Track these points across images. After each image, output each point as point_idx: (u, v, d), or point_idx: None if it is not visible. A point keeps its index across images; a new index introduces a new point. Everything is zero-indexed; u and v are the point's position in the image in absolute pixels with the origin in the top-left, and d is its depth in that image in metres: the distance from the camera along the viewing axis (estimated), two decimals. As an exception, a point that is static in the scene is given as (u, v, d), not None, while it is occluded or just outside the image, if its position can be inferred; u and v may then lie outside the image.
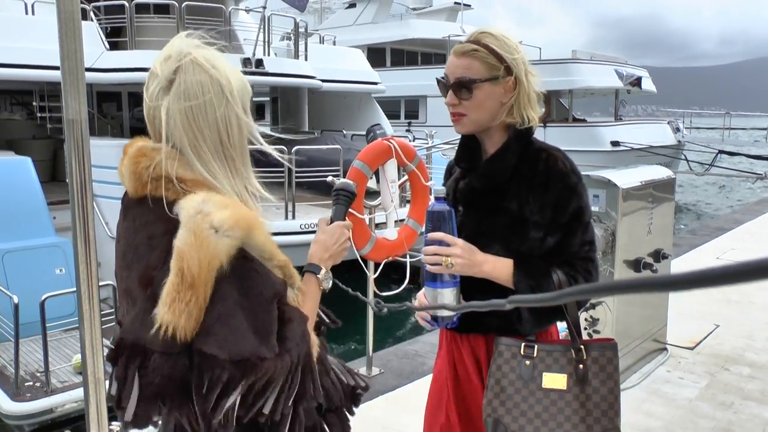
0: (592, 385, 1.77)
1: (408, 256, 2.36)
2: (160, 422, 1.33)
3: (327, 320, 1.63)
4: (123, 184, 1.36)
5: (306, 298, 1.45)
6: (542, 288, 1.75)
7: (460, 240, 1.77)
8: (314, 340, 1.45)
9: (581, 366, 1.78)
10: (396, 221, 2.94)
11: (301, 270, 1.51)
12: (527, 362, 1.81)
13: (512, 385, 1.80)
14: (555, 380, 1.79)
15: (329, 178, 3.11)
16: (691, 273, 0.53)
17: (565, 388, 1.78)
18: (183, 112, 1.29)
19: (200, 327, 1.19)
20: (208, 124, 1.31)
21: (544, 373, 1.80)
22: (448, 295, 1.78)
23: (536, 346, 1.82)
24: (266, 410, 1.23)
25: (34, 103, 13.58)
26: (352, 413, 1.58)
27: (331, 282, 1.57)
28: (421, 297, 1.92)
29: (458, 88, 1.81)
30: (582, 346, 1.80)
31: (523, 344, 1.82)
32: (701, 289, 0.53)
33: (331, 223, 1.66)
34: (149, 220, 1.28)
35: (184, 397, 1.22)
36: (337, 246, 1.61)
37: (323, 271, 1.54)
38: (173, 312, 1.17)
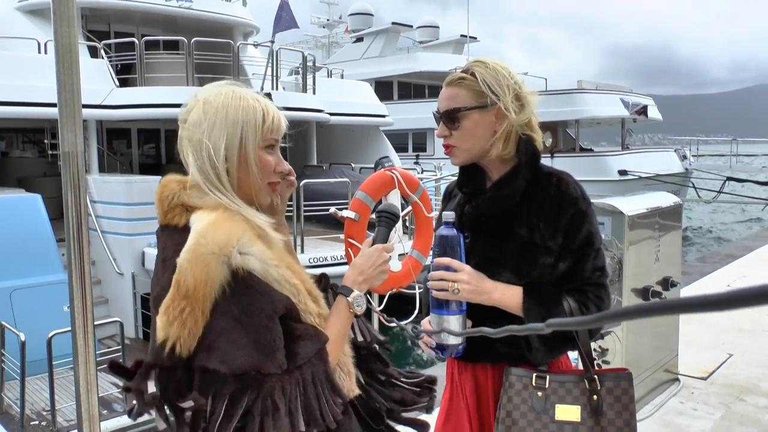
0: (607, 417, 1.71)
1: (417, 288, 2.33)
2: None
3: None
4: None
5: (332, 321, 1.44)
6: (553, 316, 1.68)
7: (467, 266, 1.71)
8: (350, 370, 1.48)
9: (595, 397, 1.72)
10: (399, 254, 2.92)
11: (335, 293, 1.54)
12: (539, 393, 1.74)
13: (524, 417, 1.73)
14: (568, 412, 1.72)
15: (332, 210, 3.11)
16: (721, 294, 0.52)
17: (578, 420, 1.71)
18: (188, 144, 1.41)
19: (203, 344, 1.23)
20: (207, 154, 1.38)
21: (556, 405, 1.73)
22: (454, 323, 1.72)
23: (548, 377, 1.76)
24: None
25: (45, 141, 13.73)
26: None
27: (364, 306, 1.52)
28: (426, 324, 1.85)
29: (446, 118, 1.78)
30: (596, 377, 1.74)
31: (534, 375, 1.76)
32: (733, 310, 0.51)
33: (373, 245, 1.61)
34: (166, 245, 1.37)
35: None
36: (373, 269, 1.56)
37: (354, 294, 1.50)
38: (167, 318, 1.23)
